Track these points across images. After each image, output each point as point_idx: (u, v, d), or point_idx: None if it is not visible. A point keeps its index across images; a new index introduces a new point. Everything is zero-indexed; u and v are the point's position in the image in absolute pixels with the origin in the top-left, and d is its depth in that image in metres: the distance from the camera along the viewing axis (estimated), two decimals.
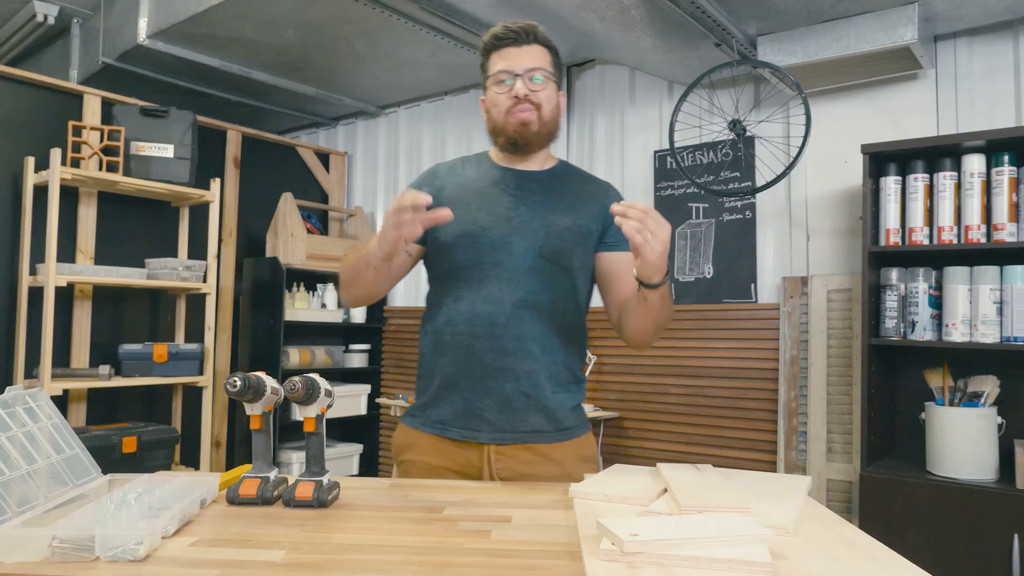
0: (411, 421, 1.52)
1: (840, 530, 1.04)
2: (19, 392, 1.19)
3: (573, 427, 1.49)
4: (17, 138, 3.24)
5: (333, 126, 4.81)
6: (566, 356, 1.48)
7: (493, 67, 1.46)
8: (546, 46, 1.48)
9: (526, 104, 1.43)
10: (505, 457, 1.43)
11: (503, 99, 1.45)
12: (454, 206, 1.45)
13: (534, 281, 1.43)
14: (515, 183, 1.50)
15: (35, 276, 3.17)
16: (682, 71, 3.23)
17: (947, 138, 2.43)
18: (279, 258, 3.94)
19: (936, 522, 2.27)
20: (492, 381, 1.42)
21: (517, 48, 1.45)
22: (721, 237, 3.29)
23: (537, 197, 1.49)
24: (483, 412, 1.43)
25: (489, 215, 1.46)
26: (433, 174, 1.56)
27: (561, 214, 1.47)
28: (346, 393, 4.16)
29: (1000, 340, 2.33)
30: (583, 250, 1.49)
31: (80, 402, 3.40)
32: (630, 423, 3.45)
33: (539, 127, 1.46)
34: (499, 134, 1.48)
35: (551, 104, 1.47)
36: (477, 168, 1.55)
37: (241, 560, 0.92)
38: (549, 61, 1.47)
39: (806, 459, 2.97)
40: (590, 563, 0.87)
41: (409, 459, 1.49)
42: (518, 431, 1.43)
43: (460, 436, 1.44)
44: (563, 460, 1.45)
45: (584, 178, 1.58)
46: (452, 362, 1.44)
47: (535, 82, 1.44)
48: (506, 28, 1.46)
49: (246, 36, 3.36)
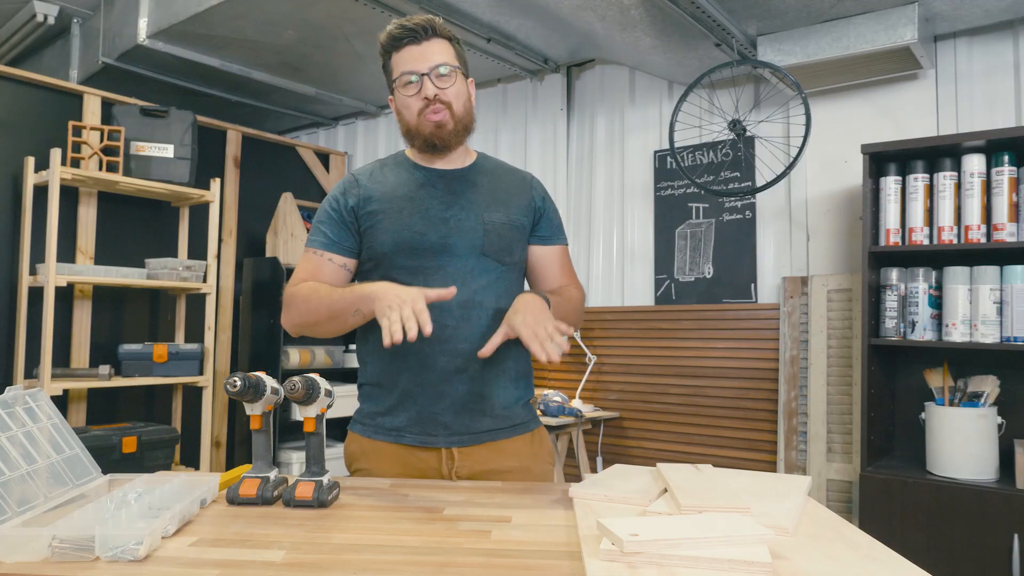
0: (362, 429, 1.48)
1: (840, 530, 1.04)
2: (19, 392, 1.19)
3: (526, 422, 1.50)
4: (17, 138, 3.24)
5: (333, 126, 4.81)
6: (516, 352, 1.47)
7: (396, 69, 1.42)
8: (447, 38, 1.44)
9: (437, 105, 1.40)
10: (463, 456, 1.42)
11: (413, 101, 1.41)
12: (385, 214, 1.44)
13: (478, 280, 1.42)
14: (443, 184, 1.47)
15: (35, 276, 3.17)
16: (682, 71, 3.23)
17: (947, 138, 2.43)
18: (279, 258, 3.94)
19: (936, 522, 2.27)
20: (446, 385, 1.41)
21: (418, 46, 1.40)
22: (721, 237, 3.29)
23: (468, 195, 1.47)
24: (438, 416, 1.41)
25: (423, 219, 1.42)
26: (354, 183, 1.48)
27: (494, 210, 1.47)
28: (346, 393, 4.16)
29: (1000, 340, 2.33)
30: (520, 245, 1.50)
31: (80, 402, 3.40)
32: (630, 423, 3.45)
33: (454, 125, 1.43)
34: (414, 137, 1.45)
35: (461, 98, 1.44)
36: (397, 172, 1.49)
37: (241, 560, 0.92)
38: (452, 53, 1.43)
39: (806, 459, 2.97)
40: (590, 563, 0.87)
41: (364, 468, 1.46)
42: (474, 431, 1.43)
43: (417, 443, 1.42)
44: (519, 453, 1.47)
45: (506, 170, 1.57)
46: (406, 370, 1.42)
47: (442, 78, 1.40)
48: (402, 27, 1.41)
49: (246, 36, 3.36)
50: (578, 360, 3.59)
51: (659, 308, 3.43)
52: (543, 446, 1.53)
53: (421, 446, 1.42)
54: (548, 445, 1.55)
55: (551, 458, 1.55)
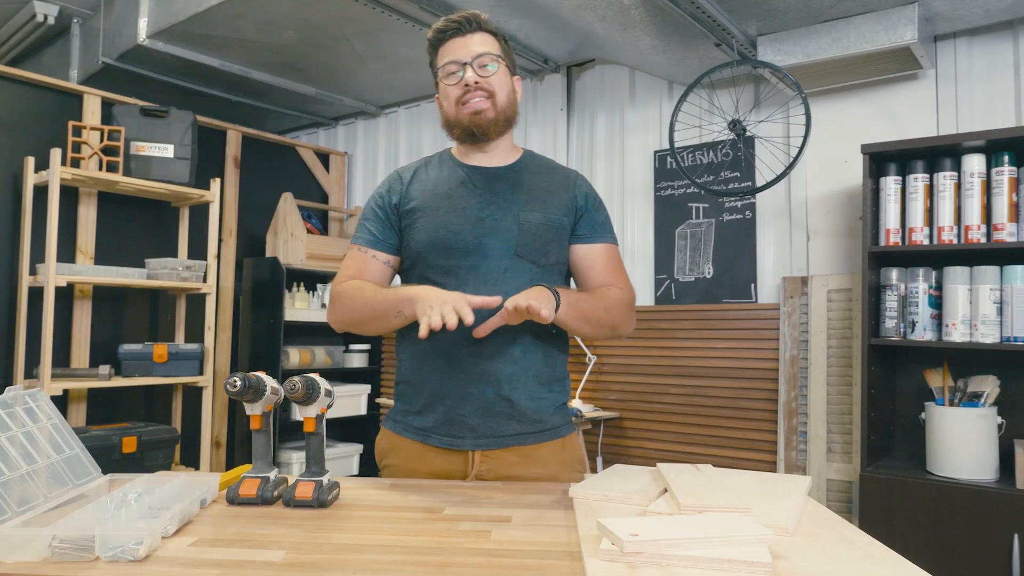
0: (393, 426, 1.49)
1: (840, 530, 1.04)
2: (19, 392, 1.19)
3: (557, 427, 1.47)
4: (17, 138, 3.24)
5: (333, 126, 4.81)
6: (547, 355, 1.45)
7: (440, 60, 1.43)
8: (492, 33, 1.44)
9: (478, 92, 1.40)
10: (488, 460, 1.41)
11: (453, 90, 1.41)
12: (423, 212, 1.44)
13: (510, 281, 1.40)
14: (482, 182, 1.46)
15: (35, 276, 3.17)
16: (682, 71, 3.23)
17: (947, 138, 2.43)
18: (279, 258, 3.94)
19: (936, 522, 2.27)
20: (473, 387, 1.39)
21: (462, 37, 1.41)
22: (721, 237, 3.29)
23: (506, 195, 1.45)
24: (465, 419, 1.40)
25: (459, 218, 1.42)
26: (397, 180, 1.51)
27: (532, 210, 1.44)
28: (346, 393, 4.16)
29: (1000, 340, 2.33)
30: (557, 245, 1.46)
31: (80, 402, 3.40)
32: (630, 423, 3.45)
33: (495, 114, 1.42)
34: (454, 126, 1.45)
35: (505, 89, 1.43)
36: (440, 169, 1.50)
37: (241, 560, 0.92)
38: (497, 47, 1.44)
39: (806, 459, 2.97)
40: (590, 563, 0.87)
41: (391, 464, 1.47)
42: (500, 435, 1.41)
43: (442, 444, 1.42)
44: (547, 461, 1.44)
45: (551, 168, 1.54)
46: (435, 371, 1.42)
47: (486, 69, 1.40)
48: (447, 20, 1.42)
49: (246, 36, 3.36)
50: (578, 360, 3.59)
51: (659, 308, 3.43)
52: (573, 453, 1.50)
53: (447, 448, 1.41)
54: (579, 452, 1.52)
55: (581, 466, 1.52)
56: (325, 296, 4.22)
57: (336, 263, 4.12)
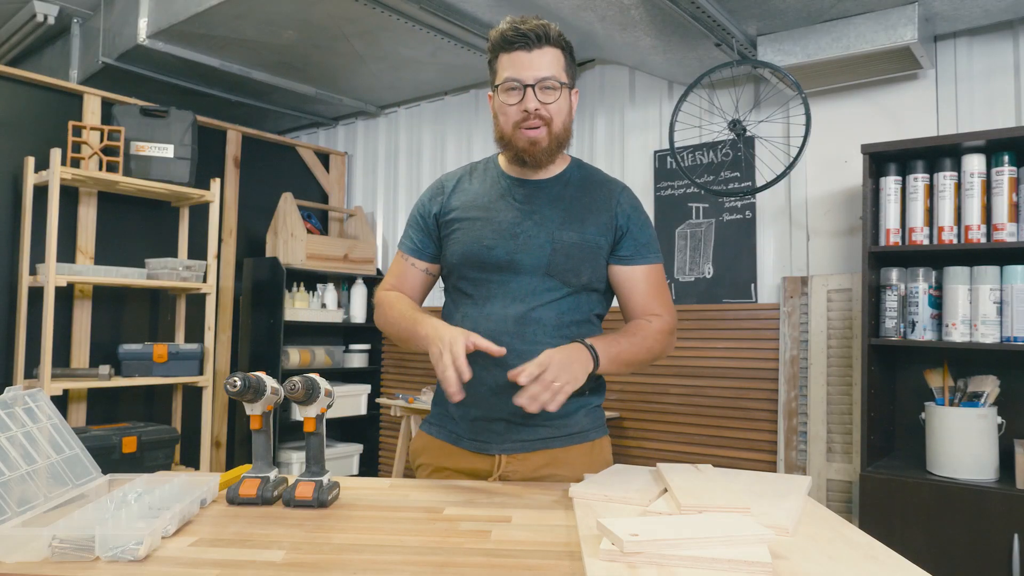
0: (428, 428, 1.53)
1: (840, 530, 1.04)
2: (18, 392, 1.19)
3: (586, 431, 1.46)
4: (17, 138, 3.24)
5: (333, 126, 4.81)
6: None
7: (502, 71, 1.37)
8: (560, 47, 1.39)
9: (535, 120, 1.36)
10: (516, 461, 1.42)
11: (512, 111, 1.37)
12: (460, 224, 1.45)
13: (539, 299, 1.40)
14: (522, 196, 1.44)
15: (35, 276, 3.17)
16: (682, 71, 3.23)
17: (947, 138, 2.43)
18: (279, 258, 3.94)
19: (936, 522, 2.27)
20: (497, 399, 1.39)
21: (528, 53, 1.35)
22: (721, 237, 3.29)
23: (544, 211, 1.43)
24: (491, 427, 1.42)
25: (494, 232, 1.41)
26: (440, 190, 1.51)
27: (568, 229, 1.41)
28: (346, 393, 4.16)
29: (1000, 340, 2.33)
30: (591, 265, 1.43)
31: (80, 402, 3.40)
32: (630, 423, 3.45)
33: (548, 143, 1.38)
34: (507, 147, 1.42)
35: (562, 115, 1.39)
36: (484, 179, 1.49)
37: (241, 560, 0.92)
38: (562, 65, 1.38)
39: (806, 459, 2.97)
40: (590, 563, 0.87)
41: (423, 463, 1.51)
42: (528, 439, 1.42)
43: (472, 448, 1.44)
44: (575, 463, 1.43)
45: (595, 182, 1.50)
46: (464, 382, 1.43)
47: (547, 92, 1.36)
48: (516, 29, 1.35)
49: (246, 36, 3.36)
50: None
51: None
52: (602, 456, 1.49)
53: (475, 452, 1.44)
54: (607, 455, 1.51)
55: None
56: (325, 296, 4.23)
57: (336, 263, 4.13)
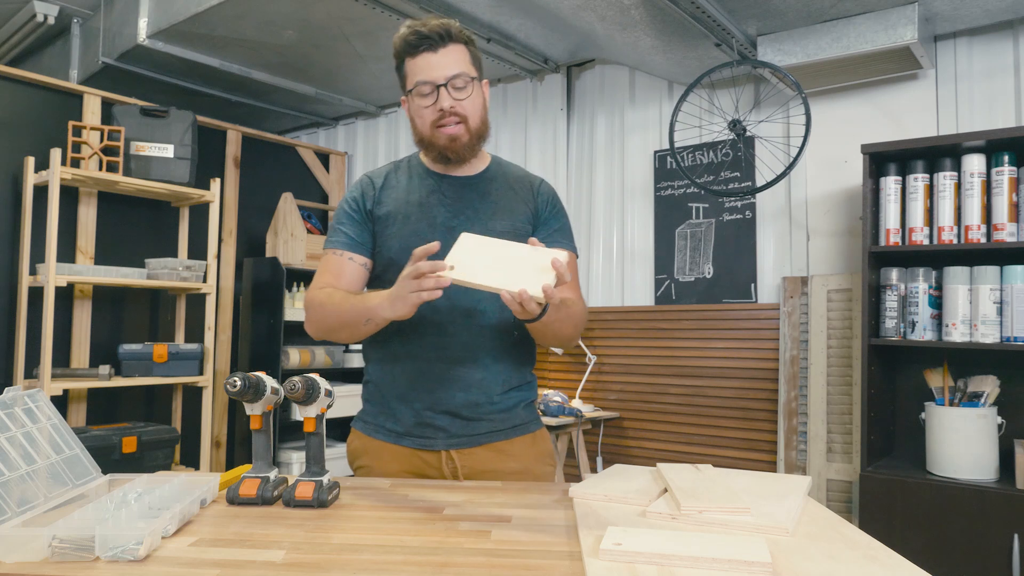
0: (363, 427, 1.50)
1: (840, 530, 1.04)
2: (18, 393, 1.19)
3: (526, 423, 1.50)
4: (17, 138, 3.23)
5: (333, 126, 4.81)
6: (516, 360, 1.48)
7: (412, 76, 1.40)
8: (463, 41, 1.41)
9: (452, 117, 1.39)
10: (463, 456, 1.43)
11: (428, 112, 1.39)
12: (394, 220, 1.45)
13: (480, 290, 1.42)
14: (451, 192, 1.47)
15: (35, 276, 3.17)
16: (682, 71, 3.23)
17: (947, 138, 2.43)
18: (279, 258, 3.94)
19: (936, 522, 2.27)
20: (442, 392, 1.41)
21: (434, 54, 1.37)
22: (721, 237, 3.29)
23: (475, 204, 1.47)
24: (435, 421, 1.42)
25: (429, 226, 1.43)
26: (369, 185, 1.50)
27: (499, 218, 1.46)
28: (346, 393, 4.15)
29: (1000, 340, 2.33)
30: None
31: (80, 402, 3.40)
32: (630, 423, 3.45)
33: (469, 138, 1.42)
34: (429, 147, 1.44)
35: (478, 109, 1.42)
36: (410, 176, 1.50)
37: (241, 560, 0.92)
38: (468, 59, 1.41)
39: (806, 459, 2.97)
40: (590, 563, 0.87)
41: (366, 465, 1.48)
42: (472, 434, 1.43)
43: (416, 445, 1.43)
44: (520, 455, 1.47)
45: (517, 177, 1.55)
46: (403, 374, 1.43)
47: (459, 89, 1.38)
48: (418, 33, 1.38)
49: (246, 36, 3.36)
50: (578, 360, 3.59)
51: (659, 308, 3.43)
52: (544, 447, 1.53)
53: (420, 448, 1.43)
54: (548, 447, 1.55)
55: (552, 459, 1.55)
56: None
57: None
